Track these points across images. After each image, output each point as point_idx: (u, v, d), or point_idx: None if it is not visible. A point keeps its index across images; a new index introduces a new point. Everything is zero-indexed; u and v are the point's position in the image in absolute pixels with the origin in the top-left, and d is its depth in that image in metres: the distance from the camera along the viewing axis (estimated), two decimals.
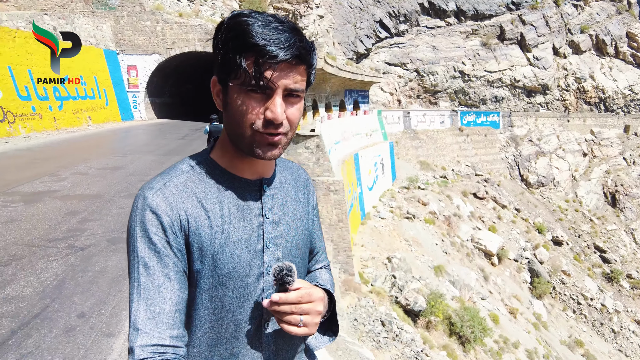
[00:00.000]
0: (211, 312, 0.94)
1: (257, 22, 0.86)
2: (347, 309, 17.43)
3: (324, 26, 42.93)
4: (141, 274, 0.84)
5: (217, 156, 1.00)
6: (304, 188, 1.15)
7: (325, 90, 32.45)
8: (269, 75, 0.87)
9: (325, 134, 26.63)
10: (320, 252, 1.25)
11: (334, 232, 25.32)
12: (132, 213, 0.90)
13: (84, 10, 24.20)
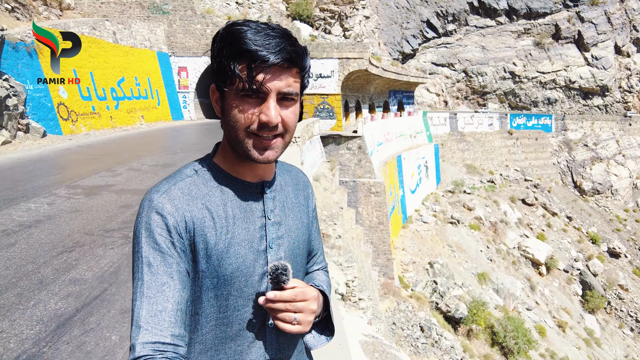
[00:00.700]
0: (217, 310, 0.97)
1: (249, 30, 0.90)
2: (386, 312, 17.29)
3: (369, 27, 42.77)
4: (145, 273, 0.87)
5: (219, 160, 1.03)
6: (303, 190, 1.19)
7: (369, 91, 32.34)
8: (262, 79, 0.90)
9: (368, 135, 26.53)
10: (318, 254, 1.27)
11: (374, 234, 25.16)
12: (139, 215, 0.92)
13: (140, 16, 25.52)
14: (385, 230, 24.39)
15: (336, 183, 22.40)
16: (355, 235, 21.62)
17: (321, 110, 25.71)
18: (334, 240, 14.10)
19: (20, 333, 3.43)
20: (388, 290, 20.51)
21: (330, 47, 24.69)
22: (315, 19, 37.42)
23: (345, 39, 36.93)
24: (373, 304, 14.93)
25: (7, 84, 13.07)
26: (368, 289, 15.53)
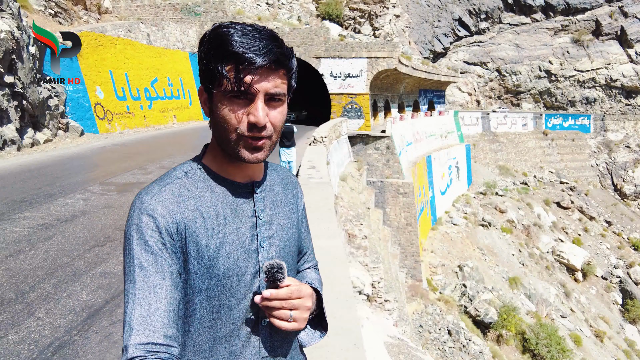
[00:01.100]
0: (210, 311, 0.97)
1: (236, 32, 0.91)
2: (413, 314, 17.05)
3: (399, 25, 42.31)
4: (137, 275, 0.88)
5: (208, 161, 1.04)
6: (292, 190, 1.20)
7: (398, 90, 31.97)
8: (249, 80, 0.91)
9: (397, 135, 26.22)
10: (308, 252, 1.28)
11: (402, 235, 24.83)
12: (129, 217, 0.93)
13: (173, 18, 26.20)
14: (413, 231, 24.06)
15: (363, 183, 22.26)
16: (383, 236, 21.42)
17: (349, 110, 25.62)
18: (360, 241, 14.02)
19: (54, 321, 3.58)
20: (415, 293, 20.22)
21: (359, 46, 24.57)
22: (344, 18, 37.34)
23: (375, 38, 36.67)
24: (399, 306, 14.75)
25: (49, 85, 13.70)
26: (394, 291, 15.36)
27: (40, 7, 18.55)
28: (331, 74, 25.31)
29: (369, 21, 37.91)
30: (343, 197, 16.06)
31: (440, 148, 33.49)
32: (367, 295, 11.77)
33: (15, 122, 11.55)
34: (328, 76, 25.38)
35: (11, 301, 3.89)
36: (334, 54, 24.88)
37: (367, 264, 14.07)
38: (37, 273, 4.42)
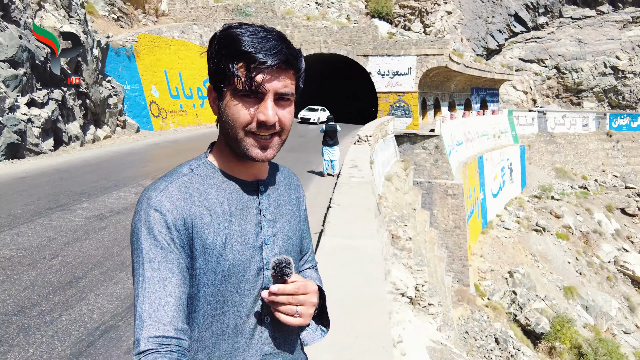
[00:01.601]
0: (214, 307, 0.98)
1: (246, 33, 0.93)
2: (458, 320, 16.50)
3: (451, 22, 41.06)
4: (146, 269, 0.89)
5: (214, 159, 1.05)
6: (295, 190, 1.21)
7: (449, 88, 31.05)
8: (260, 79, 0.92)
9: (446, 135, 25.48)
10: (309, 253, 1.29)
11: (450, 238, 24.10)
12: (137, 213, 0.94)
13: (225, 19, 26.98)
14: (462, 234, 23.31)
15: (410, 183, 21.83)
16: (429, 239, 20.89)
17: (397, 108, 25.22)
18: (404, 242, 13.76)
19: (102, 306, 3.79)
20: (462, 298, 19.58)
21: (408, 43, 24.11)
22: (394, 16, 36.79)
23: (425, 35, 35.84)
24: (444, 310, 14.33)
25: (109, 84, 14.58)
26: (439, 295, 14.95)
27: (104, 12, 19.78)
28: (379, 72, 25.03)
29: (419, 18, 37.11)
30: (387, 197, 15.83)
31: (493, 148, 32.17)
32: (410, 298, 11.56)
33: (79, 119, 12.39)
34: (375, 74, 25.13)
35: (67, 285, 4.16)
36: (382, 51, 24.58)
37: (411, 266, 13.81)
38: (90, 260, 4.70)
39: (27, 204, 6.53)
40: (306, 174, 10.68)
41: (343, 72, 34.82)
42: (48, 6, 11.65)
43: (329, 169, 10.74)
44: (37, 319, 3.58)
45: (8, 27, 10.07)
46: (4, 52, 9.79)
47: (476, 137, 30.90)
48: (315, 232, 6.30)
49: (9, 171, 8.75)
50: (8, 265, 4.50)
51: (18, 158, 9.91)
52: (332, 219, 5.13)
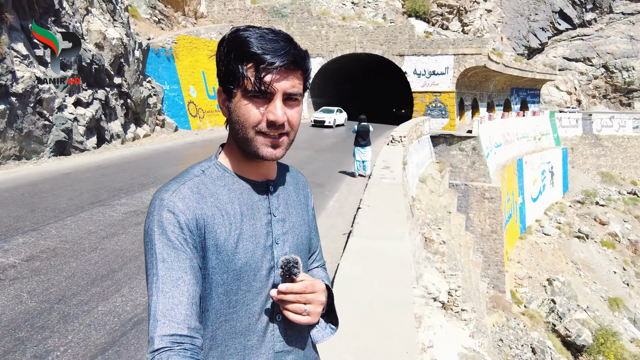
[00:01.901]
0: (226, 306, 1.00)
1: (254, 35, 0.96)
2: (493, 327, 15.99)
3: (491, 21, 39.88)
4: (160, 269, 0.91)
5: (224, 160, 1.07)
6: (303, 190, 1.24)
7: (487, 88, 30.17)
8: (269, 79, 0.94)
9: (484, 136, 24.77)
10: (317, 252, 1.31)
11: (486, 243, 23.41)
12: (149, 214, 0.96)
13: (262, 20, 27.39)
14: (498, 239, 22.61)
15: (445, 185, 21.36)
16: (464, 243, 20.37)
17: (433, 108, 24.77)
18: (437, 246, 13.48)
19: (135, 299, 3.93)
20: (497, 304, 18.98)
21: (445, 43, 23.62)
22: (432, 15, 36.16)
23: (463, 34, 35.01)
24: (478, 317, 13.93)
25: (149, 85, 15.12)
26: (473, 300, 14.56)
27: (146, 15, 20.53)
28: (415, 71, 24.67)
29: (457, 17, 36.29)
30: (421, 199, 15.57)
31: (533, 151, 31.00)
32: (442, 302, 11.32)
33: (120, 118, 12.92)
34: (411, 74, 24.77)
35: (103, 277, 4.34)
36: (418, 51, 24.21)
37: (444, 271, 13.53)
38: (125, 254, 4.89)
39: (71, 198, 6.87)
40: (337, 175, 10.66)
41: (378, 72, 34.54)
42: (95, 11, 12.21)
43: (361, 170, 10.67)
44: (76, 307, 3.76)
45: (59, 32, 10.63)
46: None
47: (515, 139, 29.88)
48: (345, 233, 6.28)
49: (57, 167, 9.24)
50: (52, 255, 4.74)
51: (65, 155, 10.45)
52: (361, 220, 5.09)
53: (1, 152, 8.98)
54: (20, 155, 9.41)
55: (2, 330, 3.39)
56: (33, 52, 9.95)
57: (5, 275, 4.28)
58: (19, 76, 9.26)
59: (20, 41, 9.59)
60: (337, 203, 8.01)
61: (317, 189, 8.86)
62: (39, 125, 9.77)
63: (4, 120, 8.91)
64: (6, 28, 9.25)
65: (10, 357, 3.09)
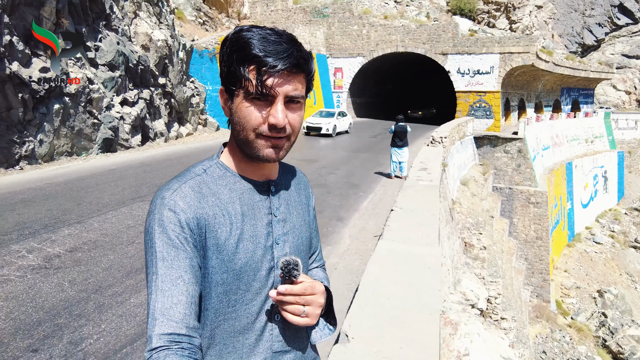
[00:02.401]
0: (226, 305, 1.00)
1: (257, 36, 0.94)
2: (535, 338, 15.26)
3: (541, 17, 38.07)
4: (159, 267, 0.90)
5: (226, 160, 1.07)
6: (304, 190, 1.23)
7: (535, 88, 28.85)
8: (271, 83, 0.93)
9: (531, 138, 23.72)
10: (317, 252, 1.31)
11: (530, 250, 22.41)
12: (150, 213, 0.96)
13: (303, 20, 27.57)
14: (544, 246, 21.58)
15: (488, 189, 20.65)
16: (506, 249, 19.60)
17: (477, 108, 24.02)
18: (478, 251, 13.04)
19: None
20: (540, 314, 18.12)
21: (490, 41, 22.82)
22: (478, 12, 35.04)
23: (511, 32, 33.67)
24: (518, 326, 13.34)
25: (192, 85, 15.59)
26: (514, 309, 13.96)
27: (192, 17, 21.21)
28: (458, 70, 24.02)
29: (505, 14, 34.97)
30: (462, 202, 15.13)
31: (585, 154, 29.33)
32: (480, 310, 10.95)
33: (164, 117, 13.40)
34: (455, 73, 24.14)
35: (137, 270, 4.50)
36: (462, 49, 23.55)
37: (483, 277, 13.09)
38: None
39: (114, 193, 7.19)
40: (373, 175, 10.54)
41: (419, 72, 33.92)
42: (142, 14, 12.74)
43: (397, 171, 10.48)
44: (111, 298, 3.92)
45: (109, 35, 11.18)
46: (104, 57, 10.89)
47: (565, 142, 28.40)
48: (376, 235, 6.18)
49: (103, 163, 9.72)
50: (93, 248, 4.98)
51: (111, 152, 10.98)
52: (392, 222, 4.99)
53: (55, 148, 9.55)
54: (71, 152, 9.98)
55: (44, 316, 3.59)
56: (85, 55, 10.52)
57: (51, 264, 4.53)
58: (72, 77, 9.82)
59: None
60: (371, 204, 7.91)
61: (351, 190, 8.79)
62: (88, 124, 10.32)
63: (58, 119, 9.48)
64: (62, 32, 9.82)
65: (49, 341, 3.27)
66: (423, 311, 2.59)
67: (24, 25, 8.90)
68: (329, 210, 7.35)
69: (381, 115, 30.77)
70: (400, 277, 3.20)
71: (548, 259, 21.06)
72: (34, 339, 3.29)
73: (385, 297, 2.81)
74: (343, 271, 5.03)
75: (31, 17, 9.05)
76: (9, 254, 4.68)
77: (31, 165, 8.94)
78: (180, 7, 20.29)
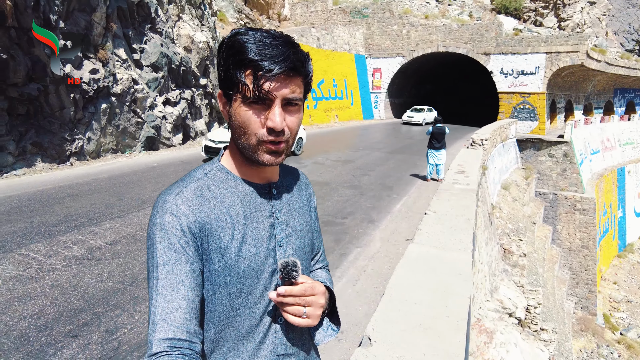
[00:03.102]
0: (229, 309, 1.00)
1: (252, 40, 0.94)
2: (579, 352, 14.51)
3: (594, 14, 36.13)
4: (160, 272, 0.90)
5: (227, 164, 1.07)
6: (305, 191, 1.23)
7: (585, 89, 27.41)
8: (268, 87, 0.93)
9: (578, 141, 22.56)
10: (320, 253, 1.30)
11: (575, 259, 21.32)
12: (152, 217, 0.96)
13: (342, 21, 27.55)
14: (590, 256, 20.48)
15: (530, 194, 19.84)
16: (549, 257, 18.77)
17: (520, 110, 23.15)
18: (517, 259, 12.57)
19: None
20: (585, 327, 17.21)
21: (536, 40, 21.91)
22: (524, 10, 33.76)
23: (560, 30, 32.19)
24: (560, 338, 12.73)
25: None
26: (555, 320, 13.34)
27: (233, 19, 21.71)
28: (501, 71, 23.24)
29: (553, 12, 33.48)
30: (502, 207, 14.64)
31: (639, 159, 27.59)
32: (518, 319, 10.56)
33: (204, 117, 13.79)
34: (497, 74, 23.37)
35: None
36: (505, 49, 22.76)
37: (522, 285, 12.62)
38: None
39: (154, 190, 7.48)
40: (408, 177, 10.37)
41: (460, 72, 33.08)
42: (185, 17, 13.17)
43: (433, 174, 10.26)
44: (145, 291, 4.08)
45: (153, 37, 11.64)
46: (148, 59, 11.35)
47: (617, 146, 26.83)
48: (408, 239, 6.08)
49: (145, 161, 10.13)
50: (131, 242, 5.20)
51: (153, 150, 11.41)
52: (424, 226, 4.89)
53: (101, 145, 10.05)
54: (116, 149, 10.46)
55: (84, 304, 3.79)
56: (131, 57, 11.00)
57: (92, 255, 4.78)
58: (118, 78, 10.30)
59: (122, 47, 10.65)
60: (404, 207, 7.79)
61: (384, 192, 8.70)
62: (132, 122, 10.79)
63: (105, 118, 9.97)
64: (111, 36, 10.33)
65: (87, 328, 3.45)
66: (450, 319, 2.52)
67: (77, 30, 9.43)
68: (361, 211, 7.31)
69: None
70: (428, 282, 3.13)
71: (595, 270, 19.97)
72: (74, 325, 3.48)
73: (412, 302, 2.77)
74: (372, 274, 4.98)
75: (84, 22, 9.57)
76: (56, 244, 4.98)
77: (80, 162, 9.45)
78: (223, 10, 20.80)
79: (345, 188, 8.84)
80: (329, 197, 8.06)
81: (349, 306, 4.26)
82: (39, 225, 5.52)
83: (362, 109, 27.74)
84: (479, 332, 7.46)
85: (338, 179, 9.61)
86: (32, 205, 6.38)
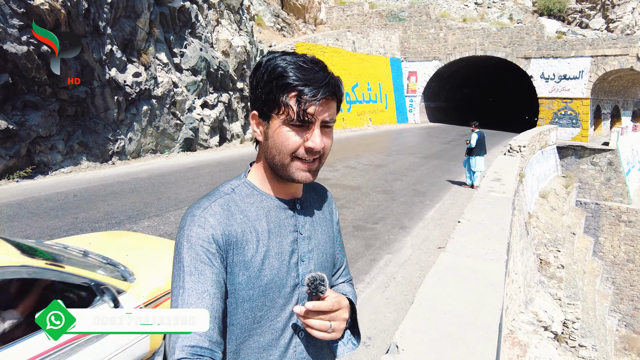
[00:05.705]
0: (251, 321, 1.02)
1: (292, 65, 0.99)
2: None
3: None
4: (186, 282, 0.93)
5: (253, 179, 1.11)
6: (328, 206, 1.25)
7: (634, 94, 26.05)
8: (312, 110, 0.98)
9: (625, 149, 21.46)
10: (343, 267, 1.31)
11: (619, 273, 20.28)
12: (181, 229, 0.99)
13: (378, 24, 27.42)
14: (636, 270, 19.43)
15: (571, 203, 19.05)
16: (589, 270, 17.96)
17: (562, 116, 22.29)
18: (554, 270, 12.11)
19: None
20: (630, 347, 16.34)
21: (580, 43, 21.04)
22: (568, 12, 32.47)
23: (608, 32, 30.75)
24: (601, 356, 12.14)
25: None
26: (596, 337, 12.74)
27: (270, 23, 22.06)
28: (542, 75, 22.47)
29: (601, 13, 32.02)
30: (539, 216, 14.14)
31: None
32: (554, 333, 10.18)
33: (241, 120, 14.09)
34: (538, 78, 22.61)
35: None
36: (547, 53, 21.99)
37: (559, 298, 12.15)
38: None
39: (191, 190, 7.72)
40: (443, 183, 10.21)
41: (499, 76, 32.19)
42: (224, 22, 13.53)
43: (470, 180, 10.05)
44: None
45: (193, 42, 12.02)
46: (188, 62, 11.73)
47: None
48: (440, 247, 6.00)
49: (183, 161, 10.46)
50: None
51: (191, 151, 11.77)
52: (457, 235, 4.85)
53: (142, 146, 10.47)
54: (155, 150, 10.87)
55: None
56: (172, 60, 11.41)
57: None
58: (159, 81, 10.70)
59: (163, 51, 11.07)
60: (438, 214, 7.68)
61: (417, 198, 8.61)
62: (172, 124, 11.17)
63: (146, 119, 10.38)
64: (153, 40, 10.76)
65: None
66: (480, 330, 2.49)
67: (122, 35, 9.88)
68: (392, 217, 7.26)
69: (456, 120, 29.66)
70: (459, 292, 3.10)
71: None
72: None
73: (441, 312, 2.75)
74: (402, 281, 4.95)
75: (129, 27, 10.02)
76: None
77: (121, 161, 9.88)
78: (260, 14, 21.19)
79: (376, 193, 8.81)
80: (360, 201, 8.06)
81: (378, 312, 4.25)
82: (83, 221, 5.82)
83: (397, 112, 27.49)
84: (512, 345, 7.24)
85: (370, 184, 9.59)
86: (77, 202, 6.73)
